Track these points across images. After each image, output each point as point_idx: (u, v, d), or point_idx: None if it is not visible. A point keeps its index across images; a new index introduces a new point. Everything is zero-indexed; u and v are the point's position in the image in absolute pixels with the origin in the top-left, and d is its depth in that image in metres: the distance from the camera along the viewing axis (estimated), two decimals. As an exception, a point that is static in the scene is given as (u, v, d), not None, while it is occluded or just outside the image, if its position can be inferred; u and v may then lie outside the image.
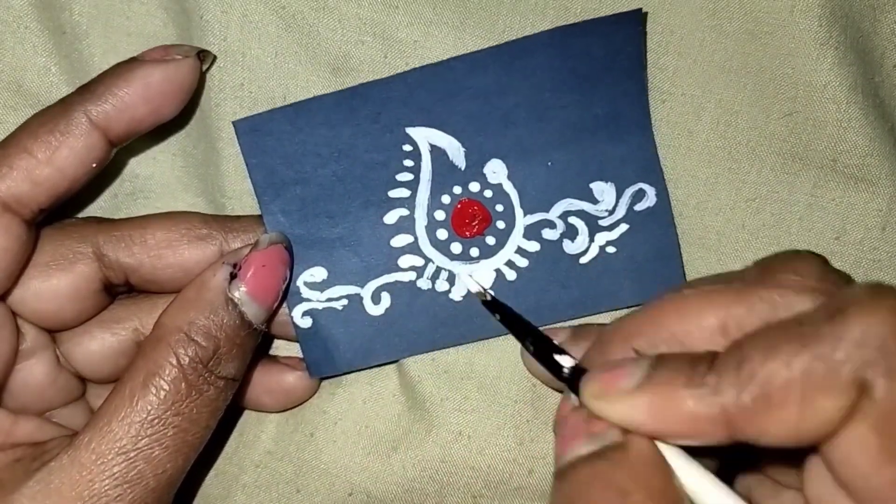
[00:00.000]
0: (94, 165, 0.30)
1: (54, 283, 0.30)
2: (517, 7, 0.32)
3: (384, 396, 0.35)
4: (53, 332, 0.32)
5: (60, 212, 0.31)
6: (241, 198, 0.34)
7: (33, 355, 0.31)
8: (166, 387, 0.27)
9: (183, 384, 0.27)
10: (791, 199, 0.33)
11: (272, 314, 0.31)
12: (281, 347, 0.36)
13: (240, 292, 0.29)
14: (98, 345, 0.32)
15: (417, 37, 0.32)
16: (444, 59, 0.32)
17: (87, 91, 0.29)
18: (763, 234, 0.34)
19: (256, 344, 0.30)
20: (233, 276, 0.29)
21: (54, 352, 0.32)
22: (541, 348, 0.28)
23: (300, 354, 0.33)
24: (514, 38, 0.32)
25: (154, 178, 0.34)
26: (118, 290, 0.32)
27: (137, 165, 0.34)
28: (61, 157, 0.29)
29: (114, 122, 0.29)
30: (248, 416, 0.35)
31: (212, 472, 0.35)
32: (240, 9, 0.32)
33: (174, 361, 0.28)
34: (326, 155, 0.32)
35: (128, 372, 0.28)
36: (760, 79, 0.33)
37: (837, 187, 0.33)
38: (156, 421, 0.27)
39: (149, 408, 0.27)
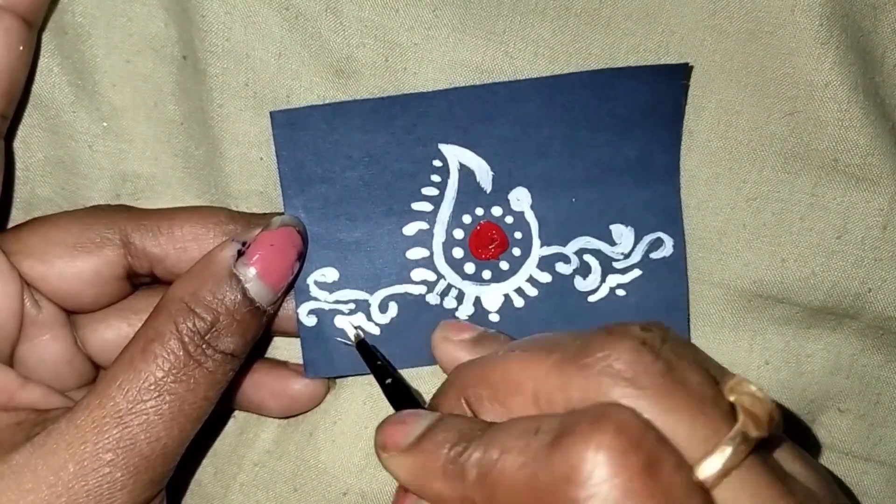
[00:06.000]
0: (22, 48, 0.30)
1: (78, 265, 0.31)
2: (517, 8, 0.32)
3: (384, 397, 0.35)
4: (72, 313, 0.32)
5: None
6: (248, 198, 0.34)
7: (50, 331, 0.31)
8: (165, 354, 0.28)
9: (181, 352, 0.28)
10: (792, 198, 0.33)
11: (280, 298, 0.31)
12: (282, 348, 0.36)
13: (244, 268, 0.29)
14: (113, 333, 0.32)
15: (418, 40, 0.33)
16: (488, 82, 0.32)
17: None
18: (764, 233, 0.34)
19: (261, 326, 0.30)
20: (241, 255, 0.29)
21: (72, 333, 0.32)
22: (397, 398, 0.30)
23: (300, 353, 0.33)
24: (513, 39, 0.32)
25: (156, 178, 0.34)
26: (140, 279, 0.33)
27: (140, 166, 0.34)
28: None
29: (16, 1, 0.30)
30: (248, 416, 0.35)
31: (210, 471, 0.35)
32: (243, 9, 0.32)
33: (173, 329, 0.28)
34: (357, 158, 0.32)
35: (132, 340, 0.28)
36: (761, 78, 0.33)
37: (838, 187, 0.33)
38: (153, 387, 0.27)
39: (146, 374, 0.27)
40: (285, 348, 0.35)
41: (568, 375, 0.24)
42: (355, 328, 0.32)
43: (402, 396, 0.30)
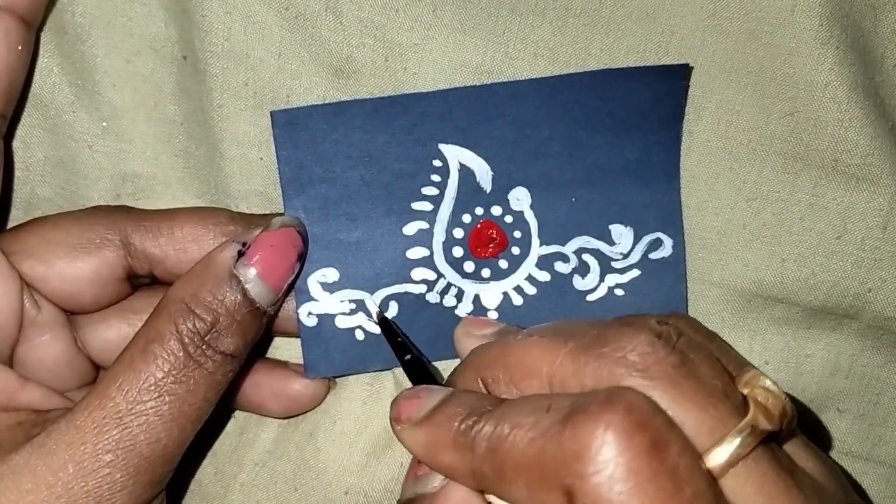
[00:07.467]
0: (21, 48, 0.30)
1: (78, 266, 0.31)
2: (517, 9, 0.32)
3: (383, 397, 0.35)
4: (72, 313, 0.32)
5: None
6: (248, 198, 0.34)
7: (50, 331, 0.31)
8: (164, 354, 0.28)
9: (181, 353, 0.28)
10: (792, 198, 0.34)
11: (280, 299, 0.31)
12: (282, 348, 0.36)
13: (245, 269, 0.29)
14: (114, 333, 0.32)
15: (418, 40, 0.33)
16: (488, 83, 0.32)
17: None
18: (764, 233, 0.34)
19: (262, 327, 0.30)
20: (242, 255, 0.29)
21: (72, 333, 0.32)
22: (415, 374, 0.31)
23: (300, 352, 0.33)
24: (513, 39, 0.32)
25: (157, 179, 0.34)
26: (140, 280, 0.33)
27: (140, 166, 0.34)
28: None
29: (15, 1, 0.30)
30: (249, 416, 0.35)
31: (211, 471, 0.35)
32: (243, 9, 0.32)
33: (173, 330, 0.28)
34: (357, 158, 0.32)
35: (132, 340, 0.28)
36: (761, 78, 0.33)
37: (838, 187, 0.33)
38: (153, 388, 0.27)
39: (146, 374, 0.27)
40: (285, 348, 0.35)
41: (583, 363, 0.25)
42: (377, 306, 0.32)
43: (420, 373, 0.31)
